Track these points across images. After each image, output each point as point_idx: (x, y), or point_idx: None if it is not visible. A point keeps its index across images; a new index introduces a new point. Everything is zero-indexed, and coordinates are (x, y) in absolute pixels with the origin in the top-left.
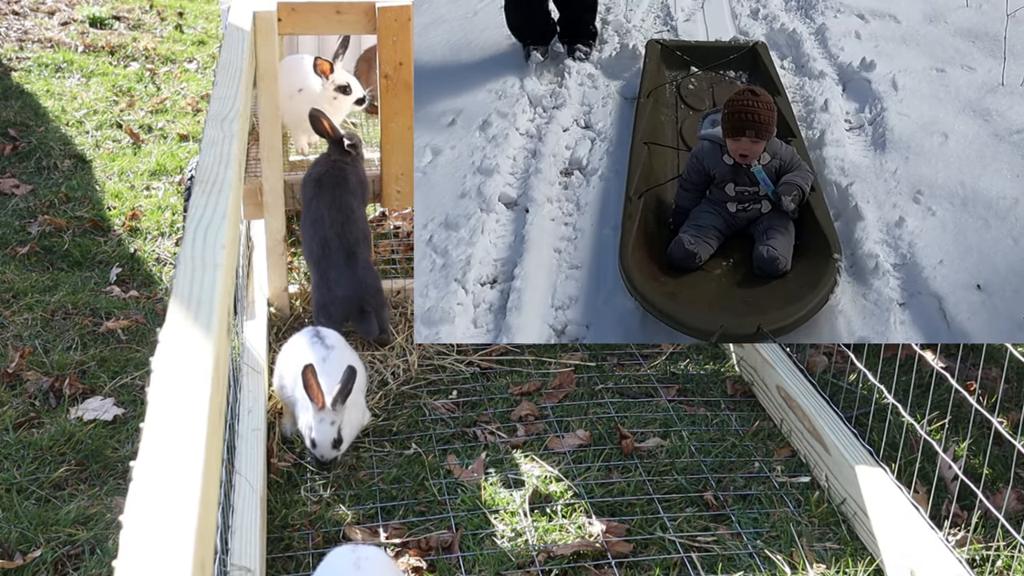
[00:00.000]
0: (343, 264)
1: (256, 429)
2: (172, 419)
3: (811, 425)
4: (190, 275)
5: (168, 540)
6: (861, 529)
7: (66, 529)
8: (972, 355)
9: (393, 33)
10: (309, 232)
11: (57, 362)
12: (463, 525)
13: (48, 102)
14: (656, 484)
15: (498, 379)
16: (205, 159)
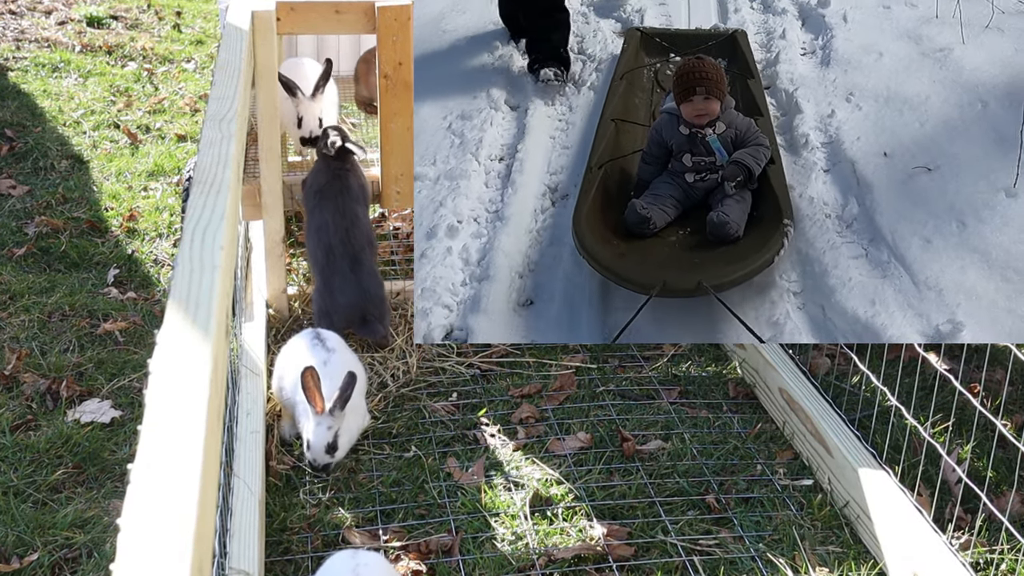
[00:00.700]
0: (347, 270)
1: (254, 431)
2: (170, 422)
3: (814, 427)
4: (188, 276)
5: (166, 543)
6: (864, 532)
7: (63, 532)
8: (976, 357)
9: (393, 33)
10: (313, 239)
11: (54, 364)
12: (463, 528)
13: (45, 102)
14: (658, 487)
15: (498, 381)
16: (203, 160)
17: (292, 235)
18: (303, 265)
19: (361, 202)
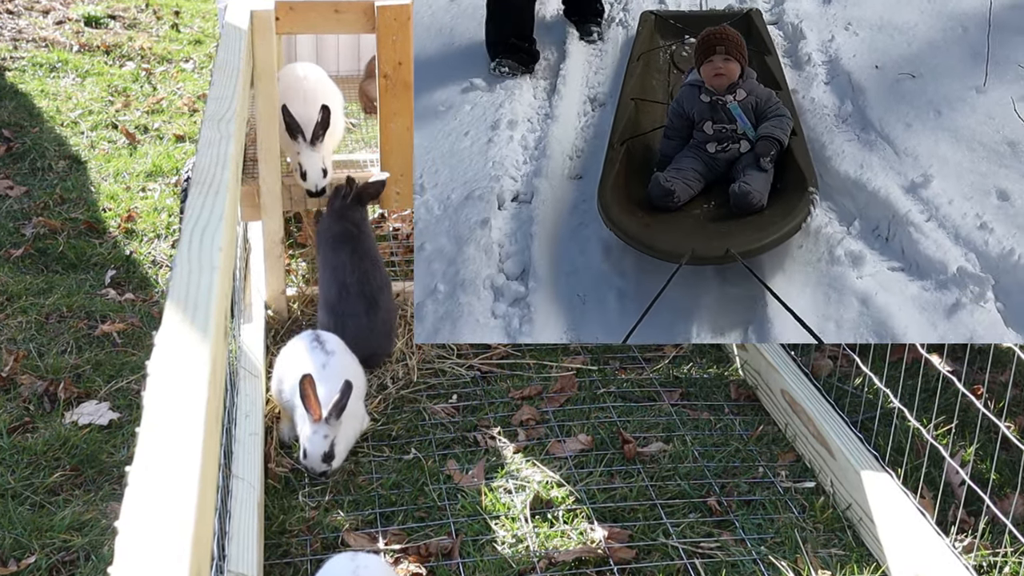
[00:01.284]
0: (363, 313)
1: (253, 434)
2: (168, 424)
3: (816, 429)
4: (186, 278)
5: (164, 546)
6: (866, 535)
7: (61, 535)
8: (980, 359)
9: (392, 32)
10: (328, 278)
11: (52, 366)
12: (463, 531)
13: (43, 102)
14: (659, 489)
15: (499, 383)
16: (202, 160)
17: (291, 236)
18: (302, 266)
19: (376, 248)
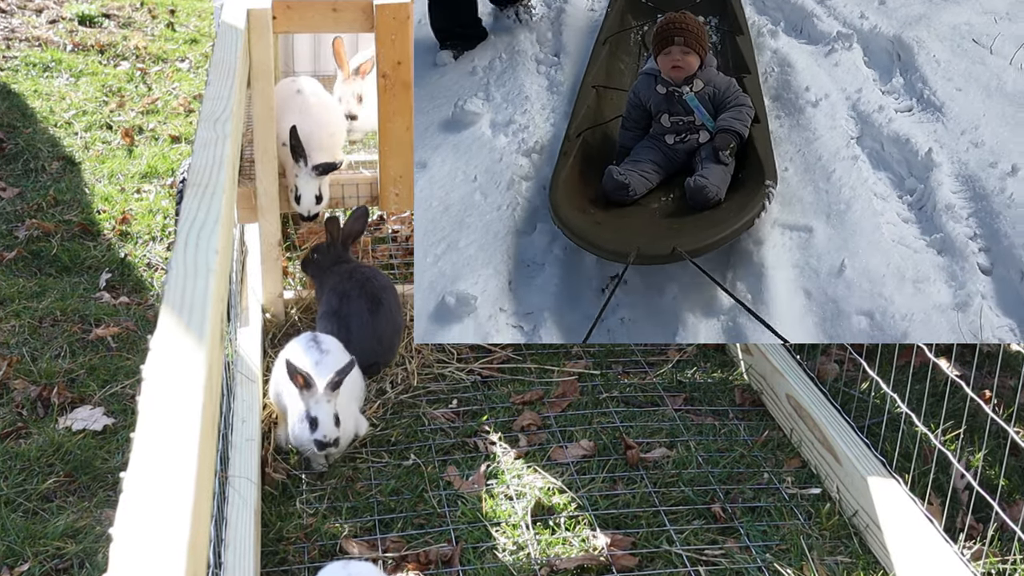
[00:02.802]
0: (366, 312)
1: (250, 439)
2: (164, 429)
3: (822, 435)
4: (182, 280)
5: (159, 554)
6: (873, 542)
7: (54, 542)
8: (988, 363)
9: (391, 31)
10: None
11: (45, 370)
12: (463, 538)
13: (36, 102)
14: (662, 496)
15: (499, 388)
16: (198, 161)
17: (288, 238)
18: (299, 269)
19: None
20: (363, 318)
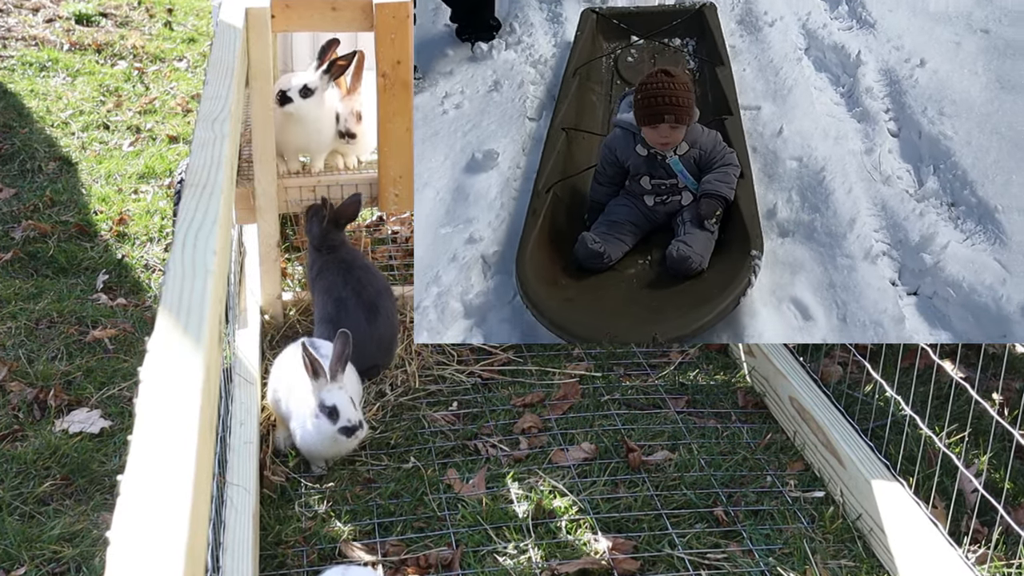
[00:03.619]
0: (363, 321)
1: (248, 442)
2: (161, 432)
3: (825, 438)
4: (180, 282)
5: (157, 558)
6: (877, 546)
7: (51, 546)
8: (993, 365)
9: (391, 30)
10: (323, 297)
11: (42, 372)
12: (464, 542)
13: (32, 102)
14: (664, 499)
15: (500, 390)
16: (195, 161)
17: (287, 239)
18: (298, 270)
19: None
20: (361, 327)
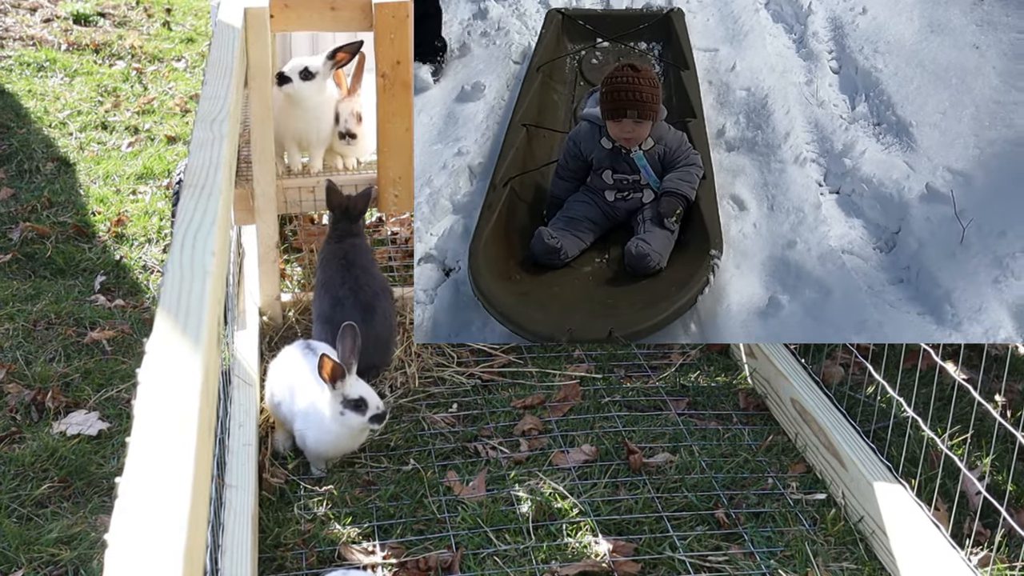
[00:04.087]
0: (360, 324)
1: (247, 444)
2: (159, 434)
3: (827, 440)
4: (178, 283)
5: (155, 560)
6: (879, 548)
7: (49, 549)
8: (996, 367)
9: (391, 30)
10: (320, 292)
11: (39, 374)
12: (464, 544)
13: (30, 102)
14: (665, 501)
15: (500, 392)
16: (194, 162)
17: (286, 240)
18: (297, 271)
19: (370, 258)
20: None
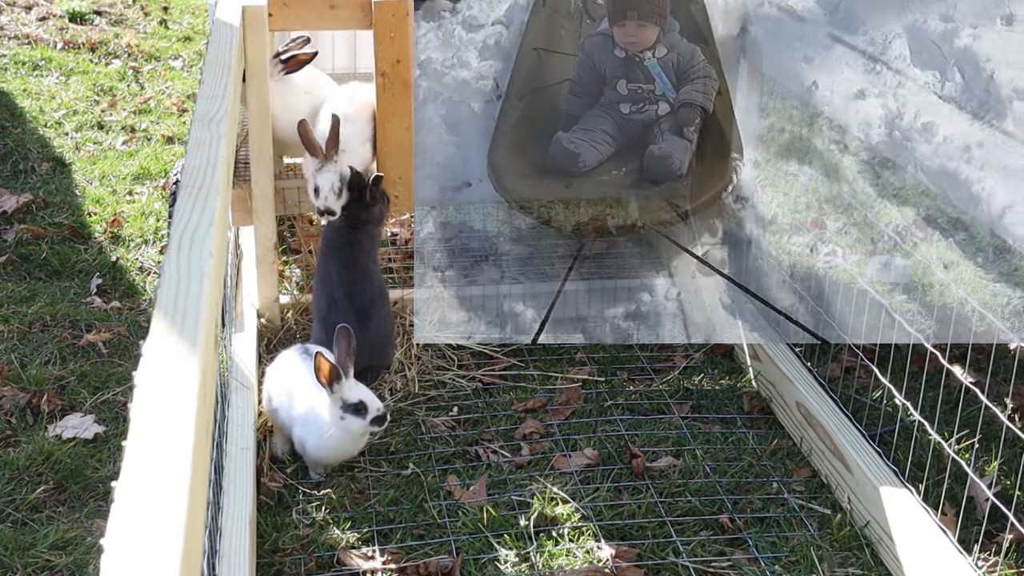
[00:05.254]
0: (354, 326)
1: (245, 448)
2: (156, 437)
3: (832, 443)
4: (175, 285)
5: (152, 565)
6: (886, 554)
7: (44, 554)
8: (1003, 370)
9: (390, 29)
10: (318, 289)
11: (35, 377)
12: (464, 549)
13: (25, 102)
14: (668, 506)
15: (501, 395)
16: (191, 162)
17: (284, 241)
18: (296, 273)
19: (372, 256)
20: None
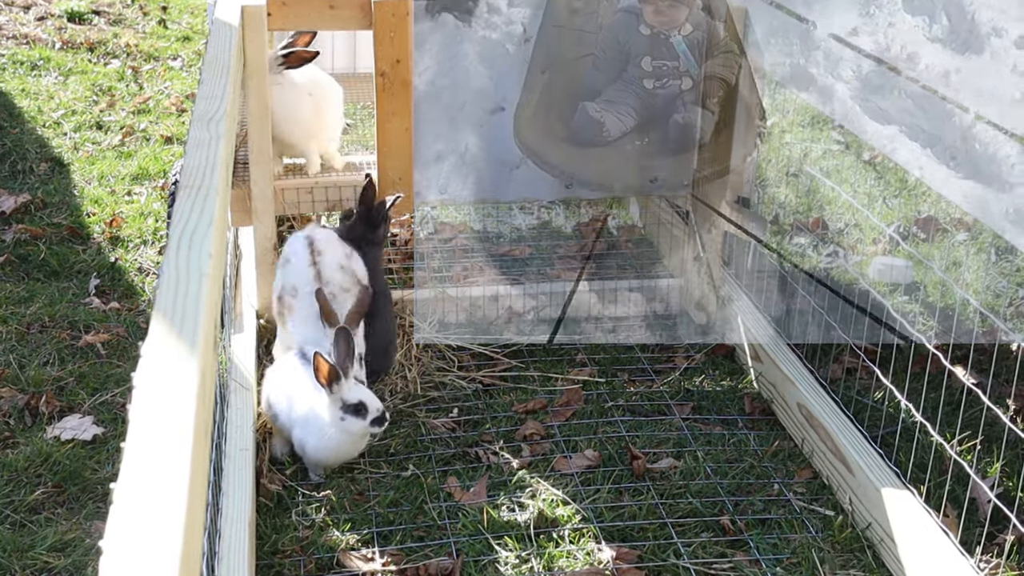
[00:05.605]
0: None
1: (244, 449)
2: (155, 438)
3: (834, 445)
4: (174, 286)
5: (151, 567)
6: (887, 556)
7: (43, 556)
8: (1005, 371)
9: (390, 28)
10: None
11: (33, 378)
12: (465, 551)
13: (23, 102)
14: (669, 508)
15: (502, 396)
16: (190, 162)
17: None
18: None
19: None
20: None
